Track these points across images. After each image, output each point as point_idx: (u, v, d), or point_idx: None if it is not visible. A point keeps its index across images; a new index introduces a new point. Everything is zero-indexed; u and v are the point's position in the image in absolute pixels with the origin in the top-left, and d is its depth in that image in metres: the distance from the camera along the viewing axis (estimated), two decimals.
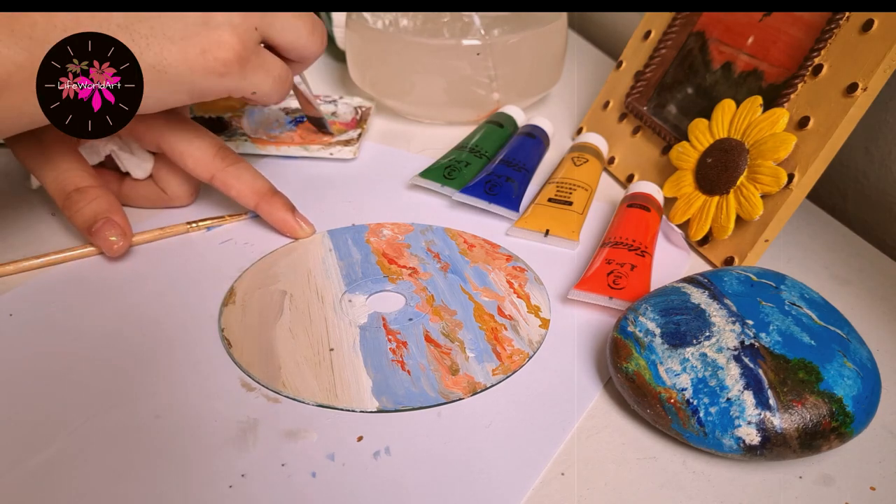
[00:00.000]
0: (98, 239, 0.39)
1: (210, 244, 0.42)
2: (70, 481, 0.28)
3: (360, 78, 0.56)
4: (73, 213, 0.40)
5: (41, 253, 0.40)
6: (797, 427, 0.27)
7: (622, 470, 0.29)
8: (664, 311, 0.31)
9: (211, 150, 0.41)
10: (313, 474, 0.28)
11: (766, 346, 0.29)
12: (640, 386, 0.29)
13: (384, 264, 0.40)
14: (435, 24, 0.60)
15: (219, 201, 0.45)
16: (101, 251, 0.40)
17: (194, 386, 0.32)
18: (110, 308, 0.37)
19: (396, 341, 0.34)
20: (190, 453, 0.29)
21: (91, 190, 0.40)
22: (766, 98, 0.40)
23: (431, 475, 0.28)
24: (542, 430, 0.30)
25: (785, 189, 0.38)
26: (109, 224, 0.39)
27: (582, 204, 0.44)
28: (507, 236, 0.43)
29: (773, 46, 0.42)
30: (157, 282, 0.39)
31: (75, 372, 0.33)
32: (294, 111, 0.54)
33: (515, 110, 0.53)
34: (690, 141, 0.43)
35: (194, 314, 0.36)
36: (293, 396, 0.31)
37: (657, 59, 0.48)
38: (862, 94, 0.36)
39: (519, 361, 0.34)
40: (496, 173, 0.46)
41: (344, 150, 0.50)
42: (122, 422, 0.30)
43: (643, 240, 0.39)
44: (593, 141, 0.49)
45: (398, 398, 0.31)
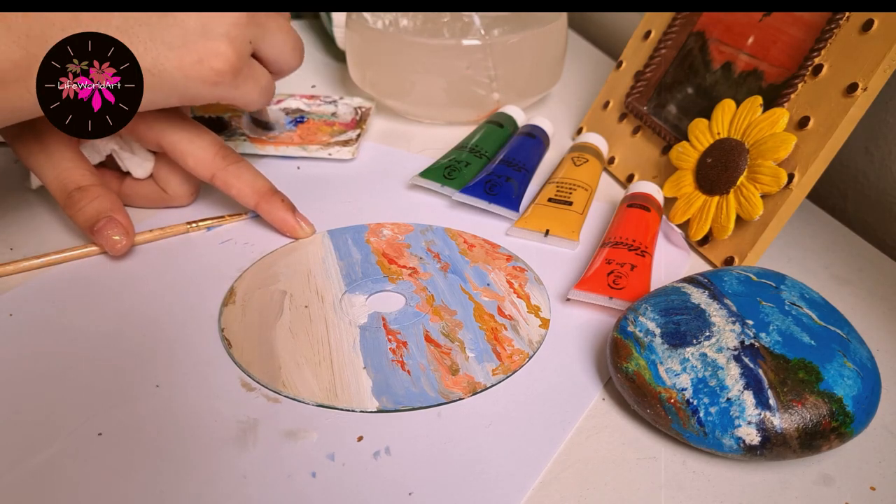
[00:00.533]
0: (100, 238, 0.39)
1: (210, 244, 0.42)
2: (70, 481, 0.28)
3: (360, 78, 0.56)
4: (74, 212, 0.40)
5: (41, 253, 0.40)
6: (797, 427, 0.27)
7: (622, 470, 0.29)
8: (664, 311, 0.31)
9: (211, 150, 0.41)
10: (313, 474, 0.28)
11: (766, 346, 0.29)
12: (640, 386, 0.29)
13: (384, 264, 0.40)
14: (435, 24, 0.60)
15: (219, 201, 0.45)
16: (102, 250, 0.40)
17: (194, 386, 0.32)
18: (110, 308, 0.37)
19: (396, 341, 0.34)
20: (190, 453, 0.29)
21: (93, 188, 0.40)
22: (766, 98, 0.40)
23: (431, 475, 0.28)
24: (542, 430, 0.30)
25: (785, 189, 0.38)
26: (112, 223, 0.39)
27: (582, 204, 0.44)
28: (507, 236, 0.43)
29: (773, 46, 0.42)
30: (157, 282, 0.39)
31: (75, 372, 0.33)
32: (294, 111, 0.54)
33: (515, 110, 0.53)
34: (690, 141, 0.43)
35: (194, 314, 0.36)
36: (293, 396, 0.31)
37: (657, 59, 0.48)
38: (862, 94, 0.36)
39: (519, 361, 0.34)
40: (496, 173, 0.46)
41: (342, 151, 0.50)
42: (122, 422, 0.30)
43: (643, 240, 0.39)
44: (593, 141, 0.49)
45: (398, 398, 0.31)
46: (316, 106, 0.55)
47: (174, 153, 0.41)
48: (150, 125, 0.40)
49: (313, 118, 0.53)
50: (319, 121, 0.53)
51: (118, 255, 0.39)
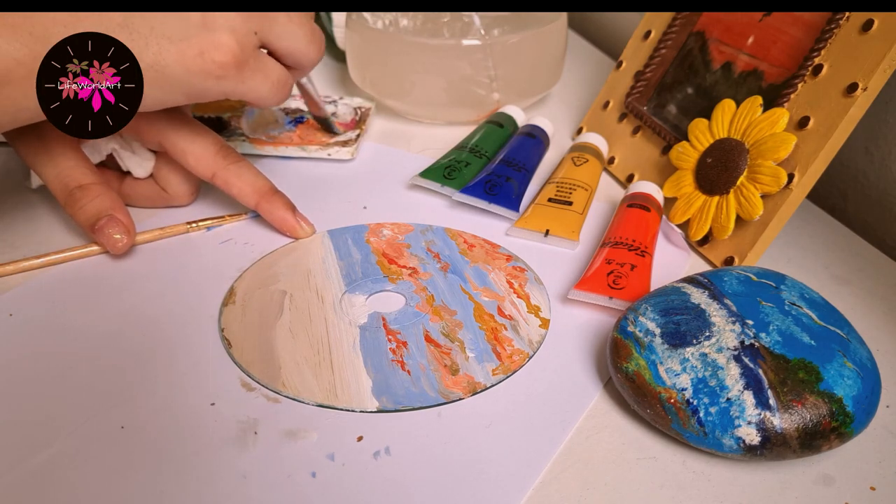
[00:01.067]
0: (101, 236, 0.39)
1: (210, 244, 0.42)
2: (70, 481, 0.28)
3: (360, 78, 0.56)
4: (75, 211, 0.40)
5: (41, 253, 0.40)
6: (797, 427, 0.27)
7: (622, 470, 0.29)
8: (664, 311, 0.31)
9: (212, 148, 0.41)
10: (313, 474, 0.28)
11: (766, 346, 0.29)
12: (640, 386, 0.29)
13: (384, 264, 0.40)
14: (435, 24, 0.60)
15: (219, 201, 0.45)
16: (103, 250, 0.40)
17: (194, 386, 0.32)
18: (110, 308, 0.37)
19: (396, 341, 0.34)
20: (190, 453, 0.29)
21: (94, 187, 0.40)
22: (766, 98, 0.40)
23: (431, 475, 0.28)
24: (542, 430, 0.30)
25: (785, 189, 0.38)
26: (112, 221, 0.39)
27: (582, 204, 0.44)
28: (507, 236, 0.43)
29: (773, 46, 0.42)
30: (157, 282, 0.39)
31: (75, 372, 0.33)
32: (294, 111, 0.54)
33: (515, 110, 0.53)
34: (690, 141, 0.43)
35: (194, 314, 0.36)
36: (293, 396, 0.31)
37: (657, 59, 0.48)
38: (862, 94, 0.36)
39: (519, 361, 0.34)
40: (496, 173, 0.46)
41: (342, 151, 0.50)
42: (122, 422, 0.30)
43: (643, 240, 0.39)
44: (593, 141, 0.49)
45: (398, 398, 0.31)
46: None
47: (175, 152, 0.41)
48: (152, 124, 0.40)
49: (313, 118, 0.53)
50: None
51: (119, 253, 0.39)
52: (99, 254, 0.40)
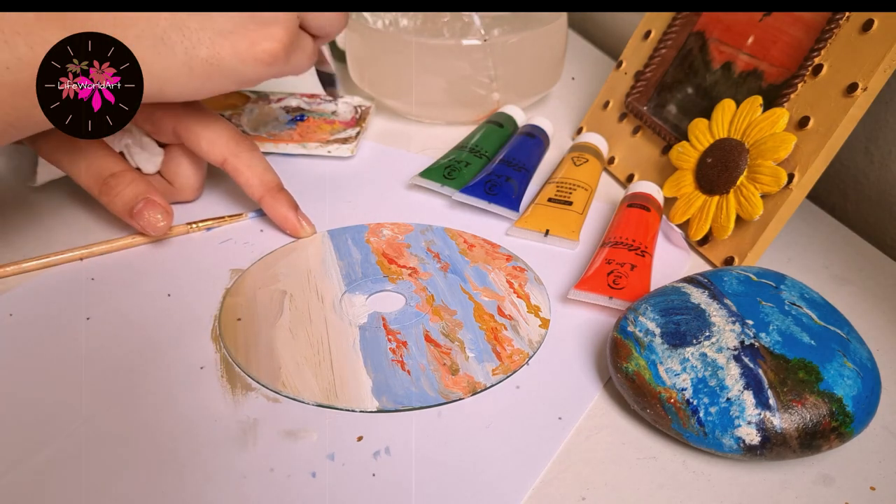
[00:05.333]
0: (141, 219, 0.39)
1: (210, 244, 0.42)
2: (70, 481, 0.28)
3: (359, 78, 0.56)
4: (112, 198, 0.40)
5: (41, 253, 0.40)
6: (797, 427, 0.27)
7: (622, 470, 0.29)
8: (664, 311, 0.31)
9: (226, 134, 0.42)
10: (313, 474, 0.28)
11: (766, 345, 0.29)
12: (640, 386, 0.29)
13: (384, 264, 0.40)
14: (435, 24, 0.60)
15: (219, 202, 0.45)
16: (142, 234, 0.41)
17: (194, 386, 0.32)
18: (110, 308, 0.37)
19: (396, 341, 0.34)
20: (190, 453, 0.29)
21: (126, 173, 0.40)
22: (766, 98, 0.40)
23: (431, 475, 0.28)
24: (542, 430, 0.30)
25: (785, 189, 0.38)
26: (151, 203, 0.40)
27: (582, 204, 0.44)
28: (507, 236, 0.43)
29: (773, 46, 0.42)
30: (157, 282, 0.39)
31: (75, 372, 0.33)
32: (294, 109, 0.54)
33: (515, 110, 0.53)
34: (690, 141, 0.43)
35: (194, 314, 0.36)
36: (293, 396, 0.31)
37: (657, 59, 0.48)
38: (862, 94, 0.36)
39: (519, 361, 0.34)
40: (496, 173, 0.46)
41: (342, 148, 0.50)
42: (122, 422, 0.30)
43: (643, 240, 0.39)
44: (593, 141, 0.49)
45: (398, 398, 0.31)
46: (316, 104, 0.55)
47: (189, 136, 0.41)
48: (167, 110, 0.41)
49: (313, 116, 0.53)
50: (319, 119, 0.53)
51: (158, 235, 0.40)
52: (99, 254, 0.40)
